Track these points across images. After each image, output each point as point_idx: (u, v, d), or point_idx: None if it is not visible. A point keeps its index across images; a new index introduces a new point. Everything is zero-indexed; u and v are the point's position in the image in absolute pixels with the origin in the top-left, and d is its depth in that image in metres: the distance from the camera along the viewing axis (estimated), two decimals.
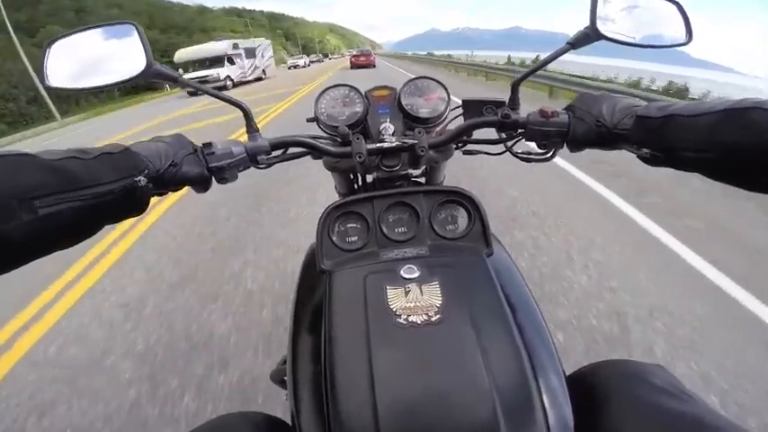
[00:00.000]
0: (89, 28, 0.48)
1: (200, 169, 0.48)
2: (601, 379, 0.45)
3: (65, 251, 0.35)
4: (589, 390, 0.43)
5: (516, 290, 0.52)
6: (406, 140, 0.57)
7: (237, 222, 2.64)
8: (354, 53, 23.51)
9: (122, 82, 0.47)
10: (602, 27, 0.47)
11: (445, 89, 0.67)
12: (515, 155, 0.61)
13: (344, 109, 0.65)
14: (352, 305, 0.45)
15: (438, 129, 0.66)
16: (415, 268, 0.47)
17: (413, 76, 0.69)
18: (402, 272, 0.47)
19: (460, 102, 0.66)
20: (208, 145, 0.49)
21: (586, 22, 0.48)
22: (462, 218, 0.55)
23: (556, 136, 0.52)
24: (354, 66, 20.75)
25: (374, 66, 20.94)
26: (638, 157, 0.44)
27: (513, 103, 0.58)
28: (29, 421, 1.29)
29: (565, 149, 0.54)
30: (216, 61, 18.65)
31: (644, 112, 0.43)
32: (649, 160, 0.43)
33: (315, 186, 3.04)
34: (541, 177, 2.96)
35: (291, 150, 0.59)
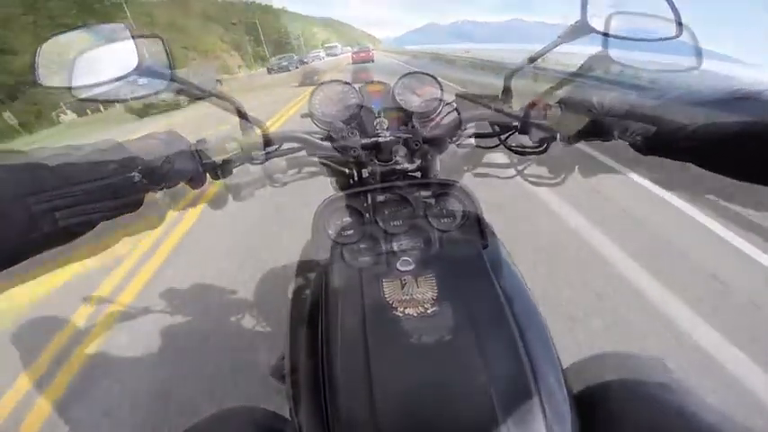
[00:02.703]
0: (81, 28, 0.47)
1: (195, 165, 0.48)
2: (599, 371, 0.45)
3: None
4: (587, 382, 0.43)
5: (512, 281, 0.52)
6: (400, 134, 0.57)
7: None
8: (355, 50, 29.34)
9: (114, 80, 0.46)
10: (593, 21, 0.47)
11: (439, 84, 0.67)
12: (509, 148, 0.61)
13: (339, 104, 0.65)
14: (348, 298, 0.45)
15: (432, 123, 0.66)
16: (411, 260, 0.47)
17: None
18: (398, 264, 0.47)
19: (454, 96, 0.66)
20: (202, 141, 0.50)
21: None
22: (457, 211, 0.55)
23: (549, 128, 0.52)
24: (356, 61, 25.38)
25: (373, 61, 25.44)
26: (630, 145, 0.44)
27: (506, 96, 0.58)
28: None
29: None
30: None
31: (637, 101, 0.43)
32: (642, 149, 0.43)
33: None
34: None
35: (286, 146, 0.59)
